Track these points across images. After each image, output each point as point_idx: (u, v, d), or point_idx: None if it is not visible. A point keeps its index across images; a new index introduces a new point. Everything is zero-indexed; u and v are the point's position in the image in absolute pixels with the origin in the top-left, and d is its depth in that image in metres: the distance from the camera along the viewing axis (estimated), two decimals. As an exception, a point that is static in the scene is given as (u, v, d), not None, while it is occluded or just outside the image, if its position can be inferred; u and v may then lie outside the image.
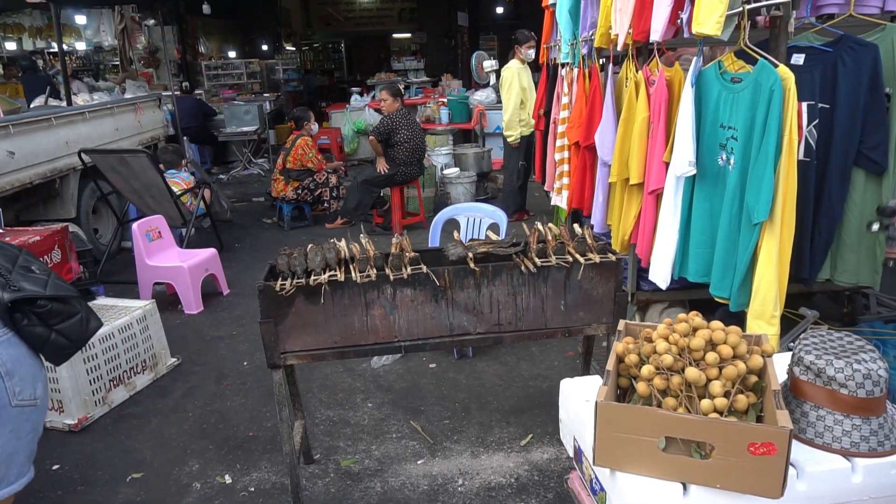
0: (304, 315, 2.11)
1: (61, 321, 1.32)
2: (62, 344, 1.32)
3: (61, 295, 1.32)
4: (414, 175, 5.85)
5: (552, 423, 2.75)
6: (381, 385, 3.18)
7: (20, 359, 1.26)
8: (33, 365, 1.30)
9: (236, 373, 3.38)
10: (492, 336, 2.25)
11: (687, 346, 1.53)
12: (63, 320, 1.32)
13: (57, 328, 1.31)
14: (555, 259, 2.19)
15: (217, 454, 2.69)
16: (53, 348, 1.32)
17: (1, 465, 1.20)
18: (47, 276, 1.35)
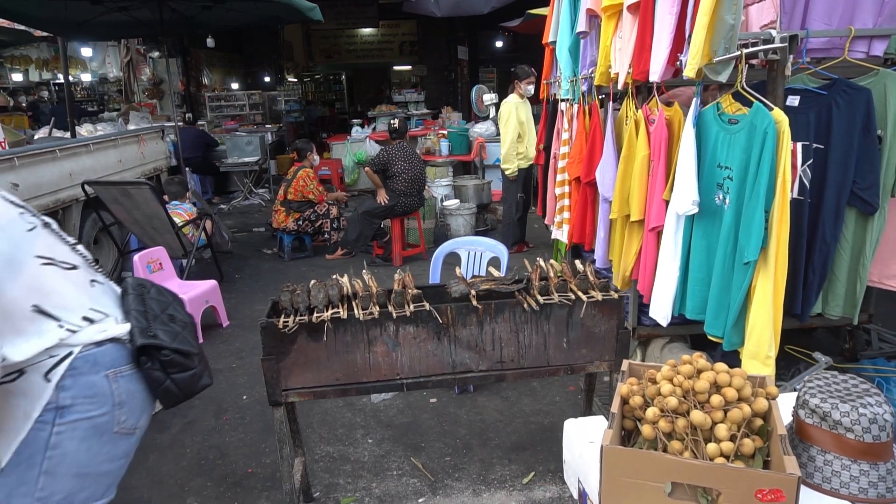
0: (306, 352, 2.11)
1: (178, 372, 1.44)
2: (173, 391, 1.45)
3: (184, 349, 1.45)
4: (414, 206, 5.88)
5: (554, 461, 2.72)
6: (382, 420, 3.15)
7: (135, 393, 1.40)
8: (144, 400, 1.43)
9: (235, 407, 3.35)
10: (494, 373, 2.24)
11: (691, 389, 1.52)
12: (179, 371, 1.44)
13: (172, 377, 1.44)
14: (557, 296, 2.19)
15: (215, 491, 2.65)
16: (165, 393, 1.45)
17: (93, 484, 1.33)
18: (182, 330, 1.49)
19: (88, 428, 1.32)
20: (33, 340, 1.26)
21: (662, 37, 2.38)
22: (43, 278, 1.31)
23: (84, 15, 6.45)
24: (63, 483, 1.30)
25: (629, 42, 2.74)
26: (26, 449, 1.26)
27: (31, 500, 1.27)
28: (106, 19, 6.61)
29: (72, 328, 1.32)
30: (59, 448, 1.29)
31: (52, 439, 1.28)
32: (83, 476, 1.33)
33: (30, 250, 1.30)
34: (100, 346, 1.35)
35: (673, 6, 2.29)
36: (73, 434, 1.30)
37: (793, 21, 2.54)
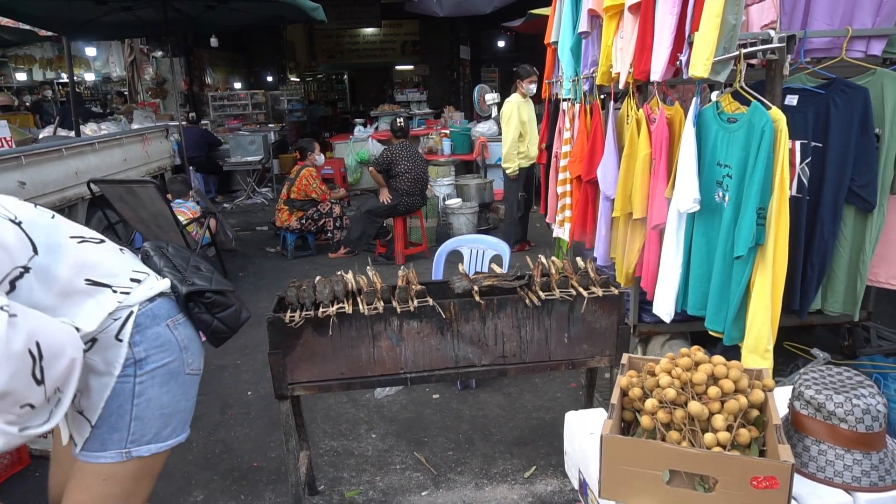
0: (311, 346, 2.15)
1: (222, 311, 1.59)
2: (222, 329, 1.60)
3: (222, 289, 1.60)
4: (416, 205, 5.92)
5: (555, 455, 2.76)
6: (385, 416, 3.19)
7: (192, 338, 1.55)
8: (199, 344, 1.59)
9: (241, 402, 3.40)
10: (497, 368, 2.28)
11: (689, 381, 1.56)
12: (223, 310, 1.60)
13: (218, 316, 1.59)
14: (558, 292, 2.23)
15: (221, 485, 2.69)
16: (215, 332, 1.60)
17: (174, 420, 1.48)
18: (212, 275, 1.63)
19: (165, 374, 1.45)
20: (96, 310, 1.35)
21: (663, 37, 2.42)
22: (83, 254, 1.38)
23: (88, 14, 6.50)
24: (151, 424, 1.44)
25: (630, 42, 2.77)
26: (115, 401, 1.38)
27: (124, 443, 1.40)
28: (110, 19, 6.66)
29: (124, 290, 1.42)
30: (144, 395, 1.42)
31: (136, 389, 1.41)
32: (166, 416, 1.47)
33: (62, 233, 1.38)
34: (152, 302, 1.45)
35: (674, 7, 2.33)
36: (153, 381, 1.43)
37: (793, 21, 2.57)
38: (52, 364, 1.18)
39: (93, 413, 1.37)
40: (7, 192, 4.20)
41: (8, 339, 1.09)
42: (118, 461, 1.40)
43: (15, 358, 1.11)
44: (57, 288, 1.30)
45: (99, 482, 1.40)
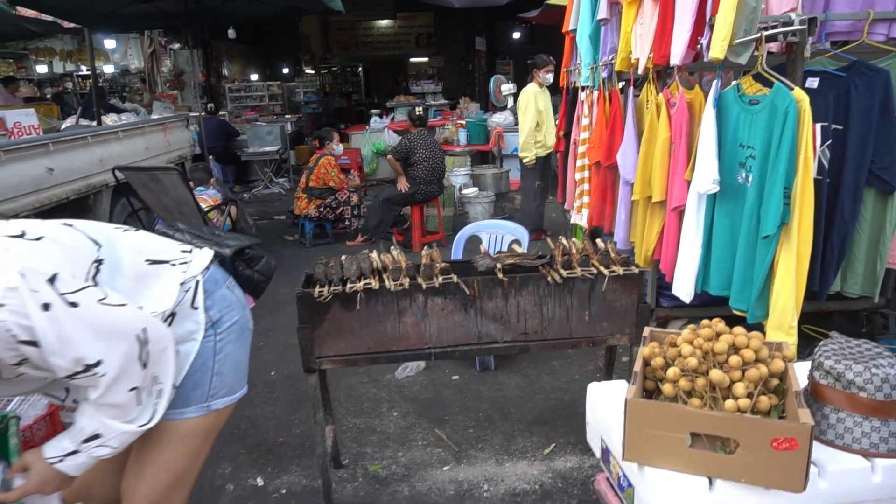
0: (339, 321, 2.21)
1: (257, 263, 1.74)
2: (261, 281, 1.74)
3: (252, 244, 1.74)
4: (434, 194, 5.98)
5: (574, 434, 2.81)
6: (406, 395, 3.26)
7: (243, 296, 1.65)
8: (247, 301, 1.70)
9: (264, 382, 3.48)
10: (518, 344, 2.33)
11: (711, 350, 1.60)
12: (258, 262, 1.74)
13: (256, 269, 1.73)
14: (580, 270, 2.28)
15: (248, 458, 2.77)
16: (256, 285, 1.73)
17: (242, 374, 1.59)
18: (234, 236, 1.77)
19: (236, 331, 1.56)
20: (168, 286, 1.43)
21: (683, 20, 2.44)
22: (133, 239, 1.46)
23: (111, 6, 6.60)
24: (227, 378, 1.54)
25: (650, 27, 2.80)
26: (199, 360, 1.47)
27: (205, 398, 1.50)
28: (131, 10, 6.75)
29: (182, 262, 1.49)
30: (223, 352, 1.52)
31: (216, 347, 1.50)
32: (237, 370, 1.58)
33: (105, 227, 1.44)
34: (207, 269, 1.53)
35: (695, -10, 2.36)
36: (228, 338, 1.53)
37: (815, 5, 2.59)
38: (152, 350, 1.29)
39: (177, 377, 1.44)
40: (36, 178, 4.28)
41: (127, 320, 1.24)
42: (199, 415, 1.49)
43: (130, 339, 1.24)
44: (128, 274, 1.37)
45: (178, 440, 1.48)
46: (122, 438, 1.31)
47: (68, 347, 1.16)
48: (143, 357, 1.27)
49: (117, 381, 1.24)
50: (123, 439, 1.32)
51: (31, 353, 1.15)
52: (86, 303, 1.19)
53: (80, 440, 1.28)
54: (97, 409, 1.27)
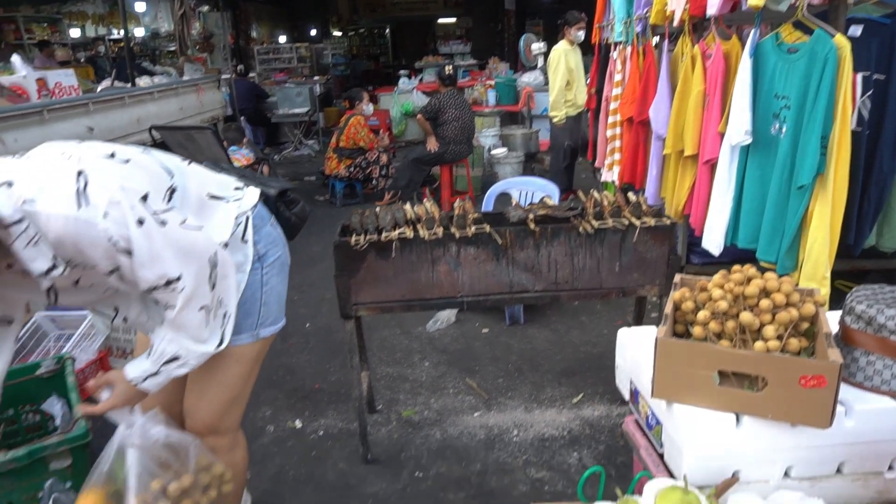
0: (374, 270, 2.28)
1: (294, 207, 1.83)
2: (297, 223, 1.83)
3: (292, 188, 1.85)
4: (463, 154, 5.98)
5: (603, 384, 2.87)
6: (437, 347, 3.35)
7: (283, 235, 1.74)
8: None
9: (300, 333, 3.60)
10: (549, 294, 2.38)
11: (741, 294, 1.63)
12: (295, 206, 1.83)
13: (294, 212, 1.82)
14: (611, 221, 2.30)
15: (287, 403, 2.90)
16: (292, 227, 1.81)
17: (282, 307, 1.71)
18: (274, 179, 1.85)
19: (279, 265, 1.66)
20: (225, 219, 1.51)
21: (722, -33, 2.40)
22: (198, 172, 1.54)
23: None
24: (272, 308, 1.65)
25: (687, -24, 2.75)
26: (248, 291, 1.57)
27: (255, 326, 1.61)
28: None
29: (236, 199, 1.58)
30: (269, 284, 1.62)
31: (263, 279, 1.60)
32: (280, 302, 1.69)
33: (175, 158, 1.51)
34: (255, 206, 1.61)
35: (734, -65, 2.30)
36: (272, 272, 1.63)
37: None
38: (220, 273, 1.39)
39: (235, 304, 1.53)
40: (77, 137, 4.44)
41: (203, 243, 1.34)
42: (249, 342, 1.61)
43: (203, 261, 1.34)
44: (194, 204, 1.45)
45: (233, 362, 1.60)
46: (198, 359, 1.43)
47: (155, 262, 1.26)
48: (212, 279, 1.36)
49: (191, 300, 1.33)
50: (199, 360, 1.43)
51: (124, 263, 1.25)
52: (171, 223, 1.29)
53: (160, 363, 1.39)
54: (175, 331, 1.37)
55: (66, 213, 1.16)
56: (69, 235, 1.18)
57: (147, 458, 1.45)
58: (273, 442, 2.61)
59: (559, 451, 2.46)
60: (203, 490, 1.57)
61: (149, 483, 1.44)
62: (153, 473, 1.45)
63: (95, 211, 1.18)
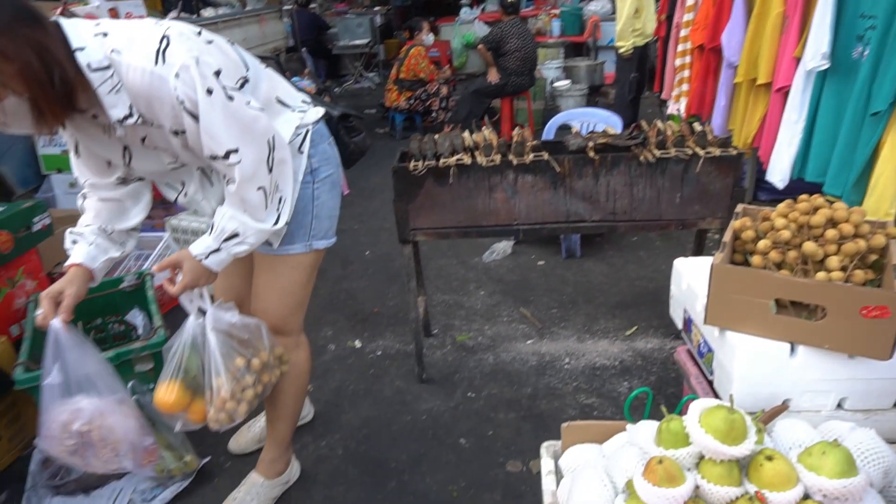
0: (432, 195, 2.31)
1: (357, 135, 1.89)
2: (355, 151, 1.90)
3: (359, 116, 1.90)
4: (525, 86, 5.85)
5: (658, 318, 2.87)
6: (493, 277, 3.40)
7: (339, 156, 1.80)
8: None
9: (360, 260, 3.71)
10: (606, 224, 2.36)
11: (807, 224, 1.58)
12: (357, 134, 1.90)
13: (353, 139, 1.88)
14: (674, 150, 2.24)
15: (347, 324, 3.03)
16: (350, 154, 1.88)
17: (333, 224, 1.79)
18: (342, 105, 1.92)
19: (330, 183, 1.71)
20: (285, 126, 1.57)
21: None
22: (272, 75, 1.60)
23: None
24: (323, 223, 1.72)
25: None
26: (300, 203, 1.64)
27: (307, 237, 1.69)
28: None
29: (301, 110, 1.63)
30: (320, 199, 1.69)
31: (314, 193, 1.67)
32: (331, 217, 1.76)
33: (254, 58, 1.57)
34: (317, 124, 1.67)
35: None
36: (323, 188, 1.69)
37: None
38: (276, 157, 1.45)
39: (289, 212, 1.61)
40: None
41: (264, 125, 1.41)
42: (303, 252, 1.70)
43: (262, 142, 1.41)
44: (261, 101, 1.50)
45: (290, 269, 1.71)
46: (257, 237, 1.51)
47: (218, 132, 1.34)
48: (269, 162, 1.44)
49: (250, 179, 1.41)
50: (258, 237, 1.51)
51: (189, 126, 1.34)
52: (238, 100, 1.36)
53: (221, 239, 1.48)
54: (235, 208, 1.46)
55: (144, 66, 1.27)
56: (144, 87, 1.29)
57: (227, 339, 1.58)
58: (334, 359, 2.76)
59: (610, 379, 2.51)
60: (271, 368, 1.70)
61: (234, 360, 1.58)
62: (235, 351, 1.58)
63: (169, 70, 1.28)
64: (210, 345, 1.56)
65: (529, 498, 1.95)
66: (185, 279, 1.51)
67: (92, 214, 1.61)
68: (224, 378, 1.57)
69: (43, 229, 2.73)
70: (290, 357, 1.81)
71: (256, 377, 1.65)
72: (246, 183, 1.42)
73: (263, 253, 1.70)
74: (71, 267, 1.57)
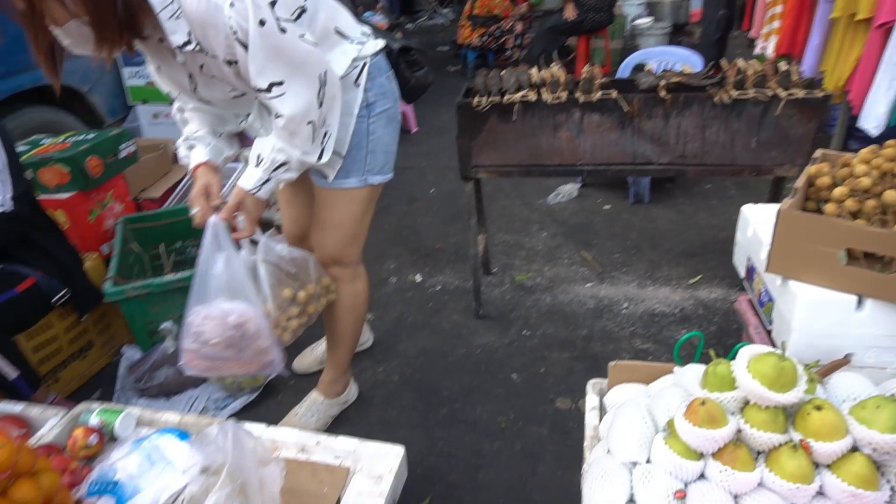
0: (495, 132, 2.30)
1: (418, 69, 1.90)
2: (416, 86, 1.90)
3: (422, 49, 1.89)
4: (603, 23, 5.59)
5: (724, 269, 2.78)
6: (556, 219, 3.37)
7: (398, 90, 1.80)
8: None
9: (424, 197, 3.75)
10: (674, 168, 2.29)
11: (890, 171, 1.48)
12: (419, 69, 1.90)
13: (415, 73, 1.89)
14: (753, 91, 2.12)
15: (409, 259, 3.10)
16: (411, 89, 1.89)
17: (390, 159, 1.80)
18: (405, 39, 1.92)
19: (386, 118, 1.70)
20: (342, 57, 1.59)
21: None
22: (331, 6, 1.59)
23: None
24: (378, 158, 1.73)
25: None
26: (355, 138, 1.66)
27: (362, 172, 1.71)
28: None
29: (359, 42, 1.64)
30: (375, 133, 1.69)
31: (369, 128, 1.67)
32: (387, 153, 1.75)
33: None
34: (376, 56, 1.67)
35: None
36: (379, 122, 1.69)
37: None
38: (328, 93, 1.46)
39: (342, 147, 1.66)
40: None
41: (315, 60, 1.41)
42: (358, 186, 1.72)
43: (313, 77, 1.42)
44: (318, 32, 1.52)
45: (346, 202, 1.75)
46: (300, 166, 1.55)
47: (267, 63, 1.36)
48: (319, 96, 1.45)
49: (298, 112, 1.43)
50: (301, 167, 1.55)
51: (240, 55, 1.36)
52: (291, 32, 1.38)
53: (270, 170, 1.52)
54: (283, 141, 1.49)
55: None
56: (200, 14, 1.31)
57: (277, 270, 1.66)
58: (395, 291, 2.84)
59: (668, 326, 2.48)
60: (317, 298, 1.78)
61: (280, 291, 1.66)
62: (283, 283, 1.67)
63: None
64: (260, 275, 1.63)
65: (576, 434, 1.99)
66: (251, 215, 1.58)
67: (197, 122, 1.68)
68: (272, 307, 1.65)
69: (129, 156, 2.90)
70: (344, 288, 1.87)
71: (302, 308, 1.72)
72: (294, 116, 1.43)
73: (321, 186, 1.74)
74: (198, 168, 1.64)
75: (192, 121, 1.68)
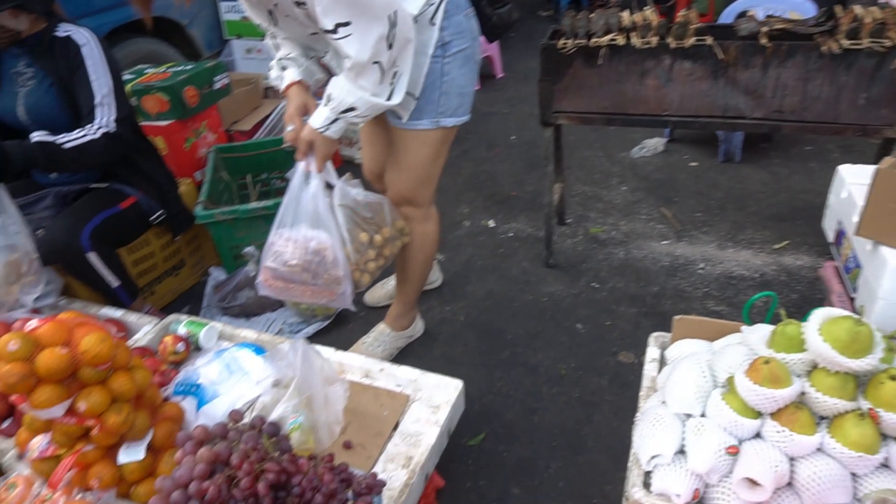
0: (579, 77, 2.23)
1: (501, 6, 1.83)
2: (498, 24, 1.84)
3: None
4: (710, -33, 5.21)
5: (815, 236, 2.63)
6: (638, 173, 3.27)
7: (477, 30, 1.76)
8: None
9: (505, 144, 3.72)
10: (769, 123, 2.15)
11: None
12: (502, 6, 1.84)
13: (497, 12, 1.82)
14: (867, 41, 1.94)
15: (483, 205, 3.11)
16: (493, 27, 1.83)
17: (466, 101, 1.77)
18: None
19: (462, 58, 1.68)
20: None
21: None
22: None
23: None
24: (452, 100, 1.71)
25: None
26: (428, 79, 1.66)
27: (435, 114, 1.70)
28: None
29: None
30: (449, 74, 1.66)
31: (443, 68, 1.65)
32: (462, 94, 1.73)
33: None
34: None
35: None
36: (454, 63, 1.66)
37: None
38: (398, 34, 1.45)
39: (415, 88, 1.65)
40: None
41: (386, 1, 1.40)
42: (430, 128, 1.72)
43: (382, 18, 1.41)
44: None
45: (418, 144, 1.76)
46: (370, 110, 1.55)
47: (332, 4, 1.37)
48: (389, 38, 1.44)
49: (366, 53, 1.43)
50: (371, 111, 1.56)
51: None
52: None
53: (339, 111, 1.55)
54: (351, 82, 1.50)
55: None
56: None
57: (353, 214, 1.71)
58: (467, 235, 2.87)
59: (745, 290, 2.38)
60: (392, 240, 1.84)
61: (357, 235, 1.72)
62: (359, 226, 1.72)
63: None
64: (338, 218, 1.68)
65: (636, 388, 1.96)
66: (321, 153, 1.62)
67: (289, 46, 1.73)
68: (350, 249, 1.70)
69: (222, 88, 3.03)
70: (415, 228, 1.91)
71: (378, 251, 1.78)
72: (362, 57, 1.43)
73: (395, 126, 1.75)
74: (291, 87, 1.70)
75: (282, 47, 1.73)
